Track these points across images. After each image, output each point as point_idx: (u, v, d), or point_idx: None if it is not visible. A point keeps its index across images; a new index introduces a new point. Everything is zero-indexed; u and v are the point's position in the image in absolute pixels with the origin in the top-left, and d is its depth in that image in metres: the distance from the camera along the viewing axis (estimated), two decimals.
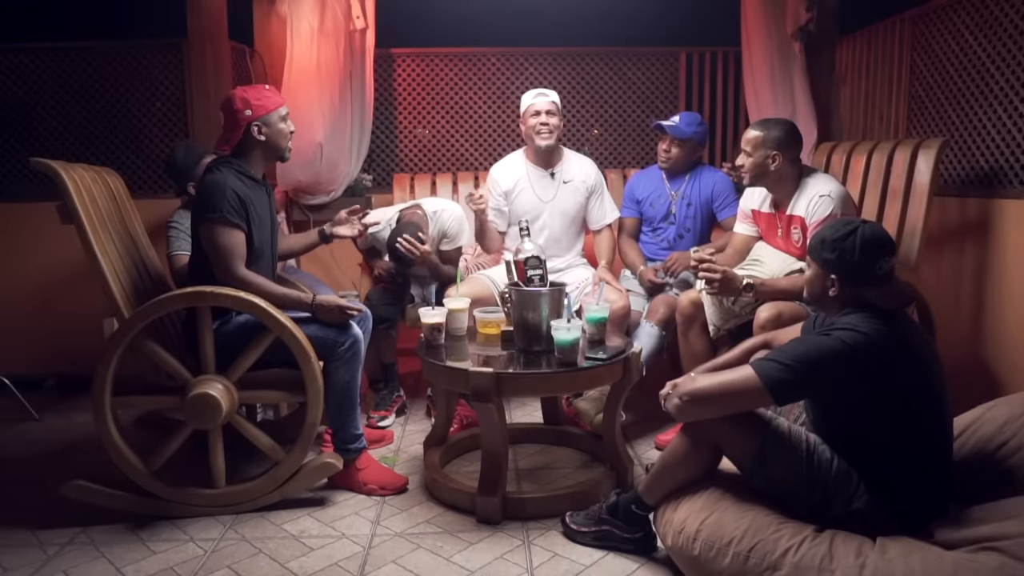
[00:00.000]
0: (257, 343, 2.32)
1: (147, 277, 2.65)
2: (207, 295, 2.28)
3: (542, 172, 3.21)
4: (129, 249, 2.59)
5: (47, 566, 2.08)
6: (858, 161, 3.08)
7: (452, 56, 4.29)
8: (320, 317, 2.40)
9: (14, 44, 3.81)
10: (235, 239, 2.35)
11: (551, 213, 3.18)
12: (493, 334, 2.60)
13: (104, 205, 2.52)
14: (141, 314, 2.29)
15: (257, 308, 2.28)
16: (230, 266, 2.34)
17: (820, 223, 2.49)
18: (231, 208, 2.33)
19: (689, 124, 3.23)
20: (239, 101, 2.41)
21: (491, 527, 2.26)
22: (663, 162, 3.29)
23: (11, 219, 3.69)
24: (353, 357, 2.41)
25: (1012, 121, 2.83)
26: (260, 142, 2.45)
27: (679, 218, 3.26)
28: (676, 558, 1.92)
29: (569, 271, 3.18)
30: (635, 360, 2.45)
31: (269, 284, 2.41)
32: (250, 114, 2.41)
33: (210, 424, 2.31)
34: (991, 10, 2.90)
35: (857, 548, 1.67)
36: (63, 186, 2.32)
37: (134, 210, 2.79)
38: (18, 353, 3.68)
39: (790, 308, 2.52)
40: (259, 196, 2.47)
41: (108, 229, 2.49)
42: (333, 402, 2.42)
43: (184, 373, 2.33)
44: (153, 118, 3.85)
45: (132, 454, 2.33)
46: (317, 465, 2.40)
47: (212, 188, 2.35)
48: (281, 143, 2.50)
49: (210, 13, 3.67)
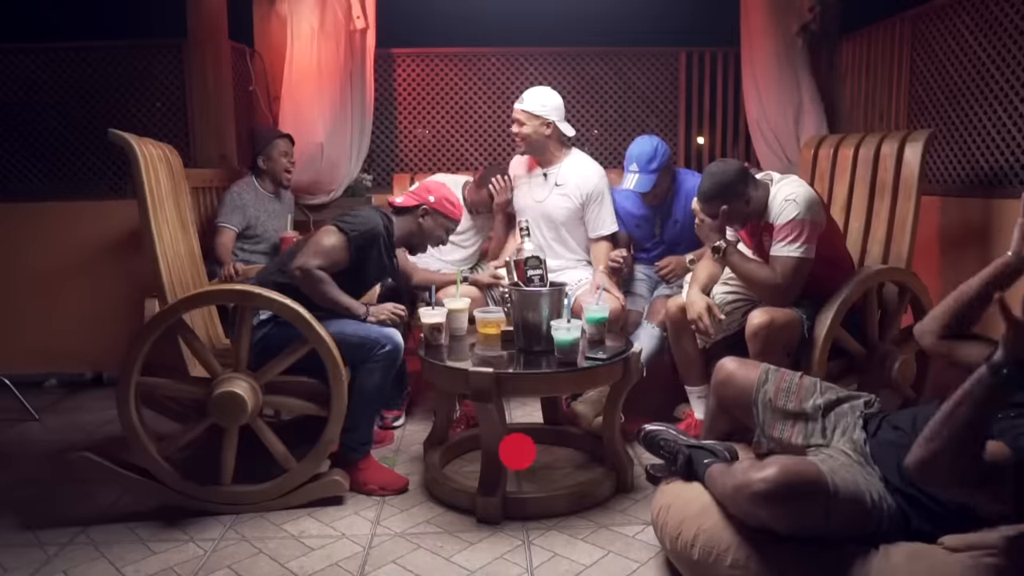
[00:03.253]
0: (294, 350, 2.32)
1: (190, 263, 2.70)
2: (252, 295, 2.29)
3: (538, 172, 3.20)
4: (177, 233, 2.65)
5: (47, 566, 2.08)
6: (845, 155, 3.00)
7: (452, 56, 4.29)
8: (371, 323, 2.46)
9: (14, 44, 3.80)
10: (340, 253, 2.44)
11: (539, 215, 3.15)
12: (493, 334, 2.60)
13: (165, 183, 2.59)
14: (188, 301, 2.31)
15: (299, 318, 2.28)
16: (311, 258, 2.40)
17: (785, 226, 2.41)
18: (365, 242, 2.46)
19: (649, 162, 2.97)
20: (434, 194, 2.65)
21: (491, 527, 2.25)
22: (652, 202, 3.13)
23: (11, 219, 3.69)
24: (391, 363, 2.42)
25: (1012, 121, 2.82)
26: (419, 225, 2.66)
27: (667, 235, 3.19)
28: (675, 562, 1.92)
29: (568, 271, 3.16)
30: (635, 360, 2.45)
31: (331, 284, 2.44)
32: (427, 206, 2.64)
33: (233, 422, 2.31)
34: (991, 10, 2.90)
35: (861, 553, 1.66)
36: (134, 160, 2.40)
37: (187, 190, 2.87)
38: (18, 353, 3.68)
39: (783, 314, 2.44)
40: (389, 257, 2.60)
41: (165, 209, 2.54)
42: (359, 403, 2.41)
43: (217, 367, 2.33)
44: (153, 118, 3.85)
45: (147, 436, 2.32)
46: (326, 482, 2.39)
47: (369, 221, 2.50)
48: (424, 243, 2.71)
49: (210, 13, 3.67)
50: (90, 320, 3.69)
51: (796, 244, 2.41)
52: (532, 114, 3.08)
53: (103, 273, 3.68)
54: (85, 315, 3.70)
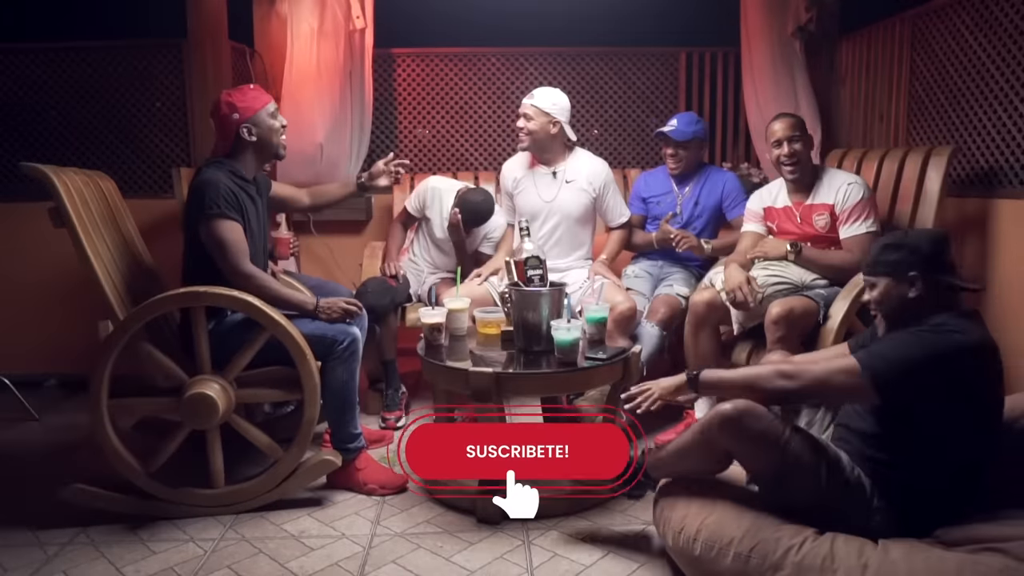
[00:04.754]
0: (252, 341, 2.32)
1: (142, 278, 2.65)
2: (201, 295, 2.28)
3: (544, 171, 3.21)
4: (123, 251, 2.60)
5: (47, 566, 2.08)
6: (868, 168, 3.13)
7: (452, 56, 4.29)
8: (323, 319, 2.41)
9: (14, 44, 3.80)
10: (236, 233, 2.36)
11: (552, 213, 3.18)
12: (493, 334, 2.60)
13: (96, 208, 2.53)
14: (135, 315, 2.29)
15: (251, 307, 2.28)
16: (236, 260, 2.35)
17: (854, 207, 2.70)
18: (227, 203, 2.34)
19: (688, 124, 3.23)
20: (225, 106, 2.43)
21: (491, 527, 2.25)
22: (674, 169, 3.29)
23: (11, 219, 3.69)
24: (352, 356, 2.41)
25: (1012, 121, 2.82)
26: (251, 143, 2.46)
27: (684, 217, 3.26)
28: (677, 558, 1.92)
29: (569, 272, 3.17)
30: (635, 360, 2.45)
31: (273, 282, 2.42)
32: (237, 117, 2.43)
33: (207, 424, 2.31)
34: (991, 10, 2.89)
35: (859, 548, 1.67)
36: (54, 190, 2.33)
37: (127, 212, 2.80)
38: (18, 353, 3.67)
39: (802, 303, 2.56)
40: (250, 195, 2.48)
41: (101, 231, 2.49)
42: (331, 402, 2.41)
43: (180, 374, 2.32)
44: (153, 118, 3.85)
45: (130, 456, 2.32)
46: (316, 463, 2.39)
47: (205, 186, 2.35)
48: (273, 140, 2.51)
49: (210, 13, 3.67)
50: (90, 320, 3.68)
51: (869, 221, 2.70)
52: (542, 110, 3.11)
53: None
54: (86, 315, 3.68)
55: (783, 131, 2.77)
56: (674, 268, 3.27)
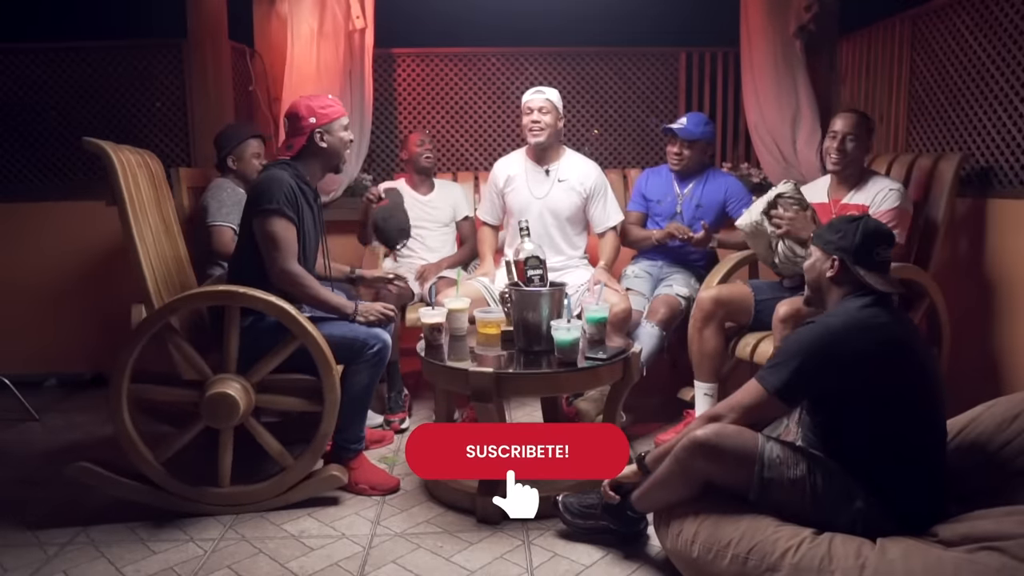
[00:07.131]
0: (282, 348, 2.32)
1: (175, 266, 2.67)
2: (238, 295, 2.28)
3: (537, 169, 3.22)
4: (161, 238, 2.62)
5: (47, 566, 2.08)
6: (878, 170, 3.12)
7: (452, 56, 4.29)
8: (360, 323, 2.43)
9: (14, 44, 3.80)
10: (289, 232, 2.37)
11: (541, 210, 3.18)
12: (493, 334, 2.60)
13: (146, 189, 2.55)
14: (171, 306, 2.30)
15: (285, 314, 2.27)
16: (283, 258, 2.35)
17: (886, 212, 2.65)
18: (287, 202, 2.36)
19: (697, 124, 3.24)
20: (304, 108, 2.46)
21: (491, 527, 2.26)
22: (675, 165, 3.29)
23: (11, 219, 3.69)
24: (380, 362, 2.42)
25: (1012, 121, 2.82)
26: (322, 149, 2.49)
27: (685, 218, 3.26)
28: (675, 560, 1.92)
29: (568, 272, 3.17)
30: (635, 360, 2.45)
31: (316, 284, 2.42)
32: (314, 122, 2.45)
33: (225, 424, 2.31)
34: (991, 10, 2.89)
35: (856, 549, 1.67)
36: (111, 168, 2.35)
37: (169, 196, 2.82)
38: (18, 353, 3.68)
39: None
40: (308, 201, 2.49)
41: (147, 214, 2.51)
42: (348, 402, 2.41)
43: (205, 370, 2.33)
44: (153, 118, 3.85)
45: (142, 443, 2.32)
46: (324, 477, 2.39)
47: (269, 182, 2.37)
48: (341, 151, 2.54)
49: (210, 13, 3.67)
50: (90, 320, 3.69)
51: (896, 231, 2.53)
52: (555, 105, 3.15)
53: (103, 273, 3.68)
54: (85, 315, 3.70)
55: (843, 127, 2.76)
56: (674, 268, 3.27)
